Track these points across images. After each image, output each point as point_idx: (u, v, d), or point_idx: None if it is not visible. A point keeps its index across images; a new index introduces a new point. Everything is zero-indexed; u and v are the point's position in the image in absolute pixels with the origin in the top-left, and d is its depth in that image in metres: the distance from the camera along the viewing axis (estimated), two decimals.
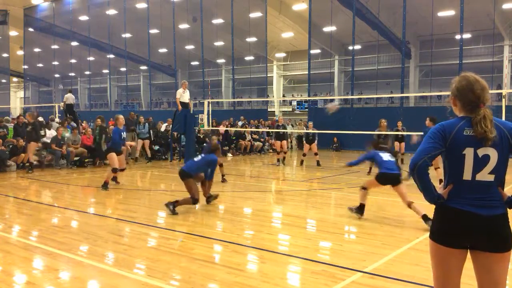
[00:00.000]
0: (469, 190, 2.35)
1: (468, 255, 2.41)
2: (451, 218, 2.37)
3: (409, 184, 6.09)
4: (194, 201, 7.33)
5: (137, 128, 16.02)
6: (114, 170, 9.68)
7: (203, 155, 7.96)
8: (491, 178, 2.34)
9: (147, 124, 16.23)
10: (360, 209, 6.81)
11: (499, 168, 2.34)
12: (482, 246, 2.33)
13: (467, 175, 2.35)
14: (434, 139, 2.38)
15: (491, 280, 2.36)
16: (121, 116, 10.28)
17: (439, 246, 2.40)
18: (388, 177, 6.51)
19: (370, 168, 12.00)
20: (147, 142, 16.05)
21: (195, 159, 7.86)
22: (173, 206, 7.14)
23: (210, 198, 7.97)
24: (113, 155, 9.70)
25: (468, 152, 2.33)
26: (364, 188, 6.84)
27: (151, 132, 16.64)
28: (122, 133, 10.12)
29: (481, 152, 2.32)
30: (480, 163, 2.33)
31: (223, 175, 10.92)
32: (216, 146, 8.22)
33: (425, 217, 5.94)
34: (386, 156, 6.73)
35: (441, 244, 2.39)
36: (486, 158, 2.32)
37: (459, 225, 2.34)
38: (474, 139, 2.32)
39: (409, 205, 6.24)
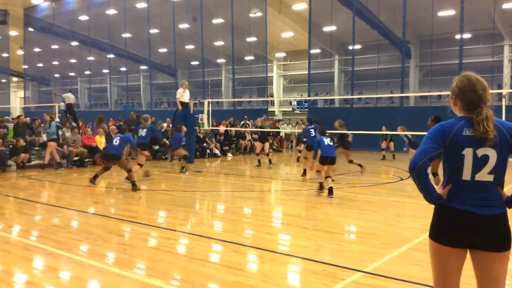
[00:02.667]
0: (469, 190, 2.35)
1: (468, 254, 2.42)
2: (451, 217, 2.37)
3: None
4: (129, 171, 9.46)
5: (44, 128, 13.89)
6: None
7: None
8: (490, 178, 2.34)
9: (53, 123, 13.68)
10: (321, 187, 8.99)
11: (499, 168, 2.34)
12: (481, 246, 2.33)
13: (466, 175, 2.35)
14: (433, 140, 2.38)
15: (490, 279, 2.36)
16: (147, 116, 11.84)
17: (439, 245, 2.40)
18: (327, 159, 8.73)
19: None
20: (53, 144, 13.12)
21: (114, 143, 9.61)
22: (94, 178, 9.65)
23: (135, 187, 9.32)
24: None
25: (467, 153, 2.33)
26: (318, 171, 9.08)
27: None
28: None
29: (480, 152, 2.32)
30: (479, 163, 2.33)
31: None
32: (128, 121, 10.32)
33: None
34: (327, 141, 8.76)
35: (441, 244, 2.39)
36: (485, 158, 2.32)
37: (458, 225, 2.35)
38: (473, 139, 2.32)
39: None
